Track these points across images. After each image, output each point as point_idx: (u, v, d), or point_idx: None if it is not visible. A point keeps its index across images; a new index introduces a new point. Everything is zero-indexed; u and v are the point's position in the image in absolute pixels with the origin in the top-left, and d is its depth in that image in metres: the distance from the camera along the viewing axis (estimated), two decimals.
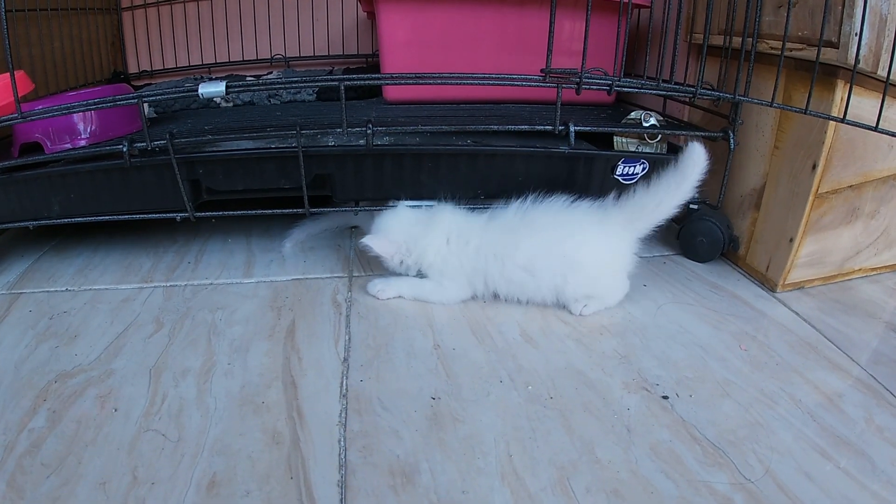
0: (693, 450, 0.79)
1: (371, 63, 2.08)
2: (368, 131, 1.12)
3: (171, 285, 1.25)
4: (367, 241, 1.15)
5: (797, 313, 1.12)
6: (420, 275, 1.18)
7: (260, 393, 0.91)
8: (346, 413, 0.87)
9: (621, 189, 1.28)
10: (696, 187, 1.10)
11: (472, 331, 1.07)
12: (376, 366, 0.98)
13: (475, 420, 0.85)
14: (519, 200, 1.14)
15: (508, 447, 0.80)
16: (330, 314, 1.13)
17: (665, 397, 0.89)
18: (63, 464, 0.78)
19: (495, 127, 1.20)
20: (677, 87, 1.22)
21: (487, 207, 1.19)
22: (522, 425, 0.84)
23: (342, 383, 0.94)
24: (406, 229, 1.16)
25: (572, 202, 1.14)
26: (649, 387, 0.91)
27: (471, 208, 1.20)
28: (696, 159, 1.08)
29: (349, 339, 1.05)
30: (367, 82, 1.20)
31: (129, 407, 0.89)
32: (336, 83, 1.09)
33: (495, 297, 1.15)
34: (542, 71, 1.14)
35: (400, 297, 1.17)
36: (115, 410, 0.88)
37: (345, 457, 0.79)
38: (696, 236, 1.31)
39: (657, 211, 1.11)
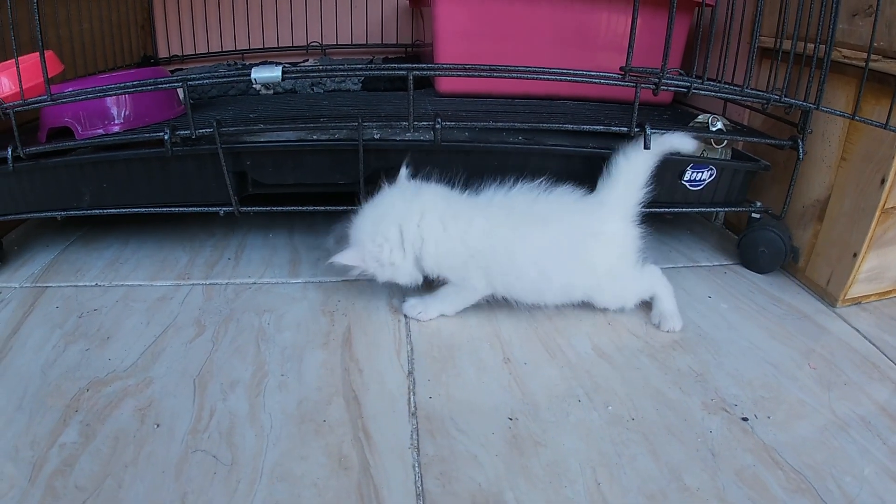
0: (776, 475, 0.75)
1: (410, 53, 2.00)
2: (437, 126, 1.04)
3: (210, 283, 1.17)
4: (337, 259, 1.02)
5: (857, 329, 1.08)
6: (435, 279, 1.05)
7: (320, 410, 0.84)
8: (417, 435, 0.80)
9: (688, 195, 1.22)
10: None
11: (542, 343, 1.00)
12: (445, 381, 0.90)
13: (557, 444, 0.79)
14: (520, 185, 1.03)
15: (595, 474, 0.75)
16: (388, 321, 1.05)
17: (745, 419, 0.85)
18: (101, 487, 0.71)
19: (571, 126, 1.14)
20: (756, 92, 1.16)
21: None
22: (607, 450, 0.79)
23: (409, 400, 0.86)
24: (384, 225, 0.99)
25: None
26: (728, 407, 0.87)
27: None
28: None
29: (411, 349, 0.98)
30: (437, 73, 1.11)
31: (173, 422, 0.81)
32: (404, 72, 1.00)
33: (503, 299, 1.05)
34: (621, 69, 1.07)
35: (443, 315, 1.06)
36: (157, 426, 0.80)
37: (422, 485, 0.72)
38: (758, 246, 1.26)
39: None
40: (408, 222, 0.98)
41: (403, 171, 1.03)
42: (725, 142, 1.23)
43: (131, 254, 1.29)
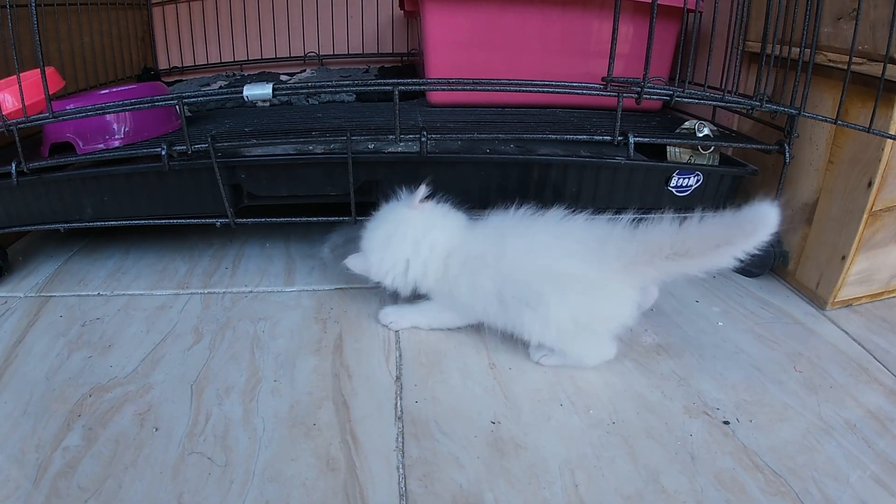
0: (755, 478, 0.76)
1: (406, 62, 2.03)
2: (423, 139, 1.06)
3: (208, 292, 1.20)
4: (347, 263, 1.04)
5: (846, 332, 1.08)
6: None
7: (310, 414, 0.86)
8: (402, 437, 0.82)
9: (675, 201, 1.24)
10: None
11: (528, 349, 1.01)
12: (431, 386, 0.93)
13: (538, 446, 0.81)
14: (513, 209, 0.99)
15: (574, 476, 0.76)
16: (378, 328, 1.08)
17: (726, 422, 0.86)
18: (102, 487, 0.74)
19: (554, 136, 1.14)
20: (740, 99, 1.17)
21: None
22: (586, 452, 0.80)
23: (396, 404, 0.89)
24: (394, 252, 1.01)
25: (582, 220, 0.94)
26: (710, 411, 0.88)
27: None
28: (763, 223, 0.83)
29: (400, 355, 1.00)
30: (421, 87, 1.13)
31: (171, 426, 0.84)
32: (390, 87, 1.03)
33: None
34: (603, 79, 1.08)
35: (415, 327, 1.07)
36: (156, 430, 0.83)
37: (405, 486, 0.75)
38: None
39: (687, 263, 0.86)
40: (416, 256, 1.00)
41: (422, 190, 1.01)
42: (712, 147, 1.23)
43: (132, 264, 1.31)
